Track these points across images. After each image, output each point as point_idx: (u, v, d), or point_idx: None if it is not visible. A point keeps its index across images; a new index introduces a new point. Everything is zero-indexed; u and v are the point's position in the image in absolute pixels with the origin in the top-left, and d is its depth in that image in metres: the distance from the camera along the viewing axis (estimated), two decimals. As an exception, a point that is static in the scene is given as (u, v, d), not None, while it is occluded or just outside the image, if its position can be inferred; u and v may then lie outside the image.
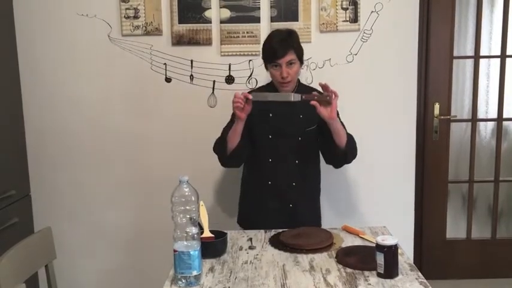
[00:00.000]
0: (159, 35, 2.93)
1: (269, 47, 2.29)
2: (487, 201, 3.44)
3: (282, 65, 2.25)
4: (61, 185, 3.08)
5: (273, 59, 2.26)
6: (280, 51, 2.23)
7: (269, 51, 2.28)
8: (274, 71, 2.29)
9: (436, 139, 3.25)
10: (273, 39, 2.29)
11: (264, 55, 2.33)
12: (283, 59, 2.24)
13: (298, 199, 2.40)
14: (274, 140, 2.37)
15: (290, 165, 2.39)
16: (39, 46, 2.96)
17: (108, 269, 3.16)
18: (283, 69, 2.25)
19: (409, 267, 1.77)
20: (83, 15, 2.93)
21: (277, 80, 2.30)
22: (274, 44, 2.26)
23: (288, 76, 2.26)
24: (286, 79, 2.26)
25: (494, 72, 3.28)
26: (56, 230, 2.18)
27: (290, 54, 2.25)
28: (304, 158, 2.41)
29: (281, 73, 2.26)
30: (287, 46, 2.25)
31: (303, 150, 2.40)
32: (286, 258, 1.88)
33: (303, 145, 2.38)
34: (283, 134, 2.37)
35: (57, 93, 3.01)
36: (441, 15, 3.12)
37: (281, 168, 2.38)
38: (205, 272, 1.76)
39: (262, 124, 2.37)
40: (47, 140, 3.04)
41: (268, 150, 2.39)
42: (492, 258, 3.40)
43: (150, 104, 3.01)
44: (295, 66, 2.29)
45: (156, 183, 3.04)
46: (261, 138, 2.39)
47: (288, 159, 2.38)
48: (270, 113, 2.37)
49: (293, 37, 2.31)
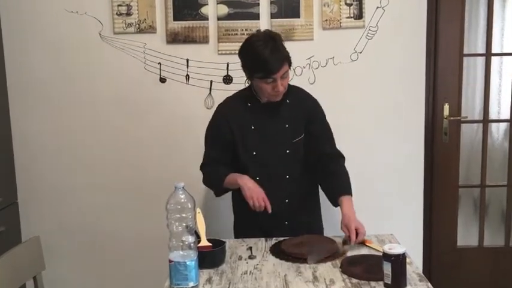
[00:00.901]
0: (153, 32, 2.94)
1: (259, 60, 2.09)
2: (500, 207, 3.44)
3: (277, 79, 2.10)
4: (50, 192, 3.08)
5: (266, 74, 2.09)
6: (275, 65, 2.07)
7: (259, 66, 2.10)
8: (265, 85, 2.13)
9: (445, 141, 3.25)
10: (261, 51, 2.08)
11: (251, 68, 2.16)
12: (278, 74, 2.09)
13: (293, 216, 2.30)
14: (259, 156, 2.26)
15: (280, 182, 2.27)
16: (26, 45, 2.96)
17: (100, 281, 3.15)
18: (279, 83, 2.11)
19: (418, 277, 1.77)
20: (72, 12, 2.93)
21: (269, 94, 2.16)
22: (265, 56, 2.07)
23: (283, 89, 2.16)
24: (281, 92, 2.17)
25: (507, 70, 3.28)
26: (44, 239, 2.18)
27: (284, 66, 2.11)
28: (295, 172, 2.29)
29: (275, 87, 2.12)
30: (281, 58, 2.10)
31: (293, 164, 2.28)
32: (288, 268, 1.88)
33: (291, 158, 2.27)
34: (268, 149, 2.25)
35: (46, 96, 3.01)
36: (450, 11, 3.12)
37: (270, 186, 2.22)
38: (203, 283, 1.76)
39: (244, 140, 2.26)
40: (35, 144, 3.04)
41: (254, 168, 2.26)
42: (505, 267, 3.39)
43: (144, 105, 3.02)
44: (288, 76, 2.17)
45: (150, 189, 3.04)
46: (244, 156, 2.27)
47: (276, 176, 2.27)
48: (251, 126, 2.26)
49: (279, 43, 2.14)
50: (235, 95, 2.39)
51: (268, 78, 2.10)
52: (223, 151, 2.31)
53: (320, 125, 2.33)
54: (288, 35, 2.92)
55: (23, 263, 1.93)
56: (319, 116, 2.34)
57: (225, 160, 2.30)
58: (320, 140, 2.29)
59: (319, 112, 2.35)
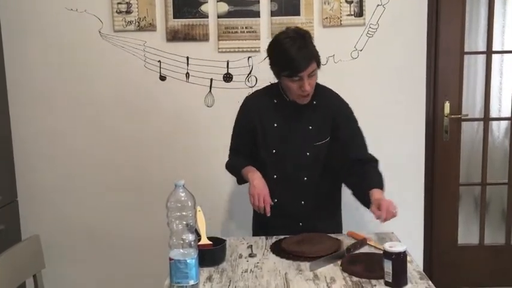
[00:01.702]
0: (153, 30, 2.94)
1: (286, 58, 2.03)
2: (501, 205, 3.44)
3: (303, 78, 2.03)
4: (50, 190, 3.08)
5: (293, 72, 2.03)
6: (302, 63, 2.01)
7: (286, 64, 2.04)
8: (292, 84, 2.07)
9: (446, 139, 3.25)
10: (288, 48, 2.02)
11: (278, 65, 2.10)
12: (305, 72, 2.03)
13: (308, 218, 2.23)
14: (279, 155, 2.21)
15: (297, 183, 2.22)
16: (26, 43, 2.96)
17: (100, 279, 3.15)
18: (306, 82, 2.04)
19: (419, 276, 1.77)
20: (72, 10, 2.93)
21: (296, 93, 2.10)
22: (292, 54, 2.01)
23: (310, 89, 2.08)
24: (308, 92, 2.08)
25: (508, 68, 3.28)
26: (44, 237, 2.18)
27: (312, 65, 2.04)
28: (314, 175, 2.22)
29: (302, 86, 2.05)
30: (308, 56, 2.03)
31: (312, 167, 2.21)
32: (288, 267, 1.87)
33: (312, 161, 2.20)
34: (288, 149, 2.20)
35: (45, 94, 3.01)
36: (451, 8, 3.12)
37: (287, 186, 2.21)
38: (203, 282, 1.76)
39: (266, 137, 2.22)
40: (34, 143, 3.04)
41: (272, 166, 2.22)
42: (506, 265, 3.39)
43: (144, 103, 3.01)
44: (315, 75, 2.10)
45: (151, 187, 3.04)
46: (264, 153, 2.23)
47: (294, 176, 2.22)
48: (274, 123, 2.21)
49: (309, 41, 2.07)
50: (264, 89, 2.33)
51: (294, 77, 2.04)
52: (246, 143, 2.29)
53: (348, 130, 2.21)
54: (288, 33, 2.92)
55: (23, 261, 1.93)
56: (347, 121, 2.22)
57: (247, 152, 2.29)
58: (349, 147, 2.18)
59: (347, 116, 2.24)
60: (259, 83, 2.97)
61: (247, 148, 2.29)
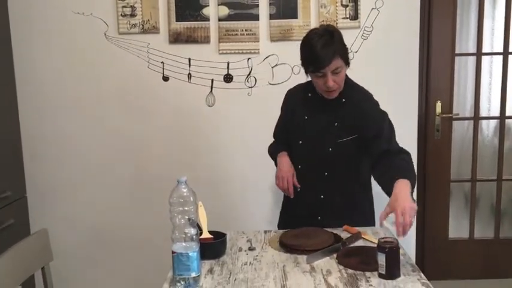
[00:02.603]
0: (156, 33, 2.93)
1: (310, 54, 1.99)
2: (490, 201, 3.44)
3: (327, 73, 1.99)
4: (57, 186, 3.08)
5: (316, 68, 1.99)
6: (324, 59, 1.95)
7: (310, 59, 2.00)
8: (317, 79, 2.04)
9: (438, 138, 3.25)
10: (314, 44, 1.98)
11: (304, 62, 2.05)
12: (328, 68, 1.97)
13: (326, 213, 2.19)
14: (304, 147, 2.19)
15: (318, 177, 2.17)
16: (34, 45, 2.96)
17: (106, 271, 3.16)
18: (329, 78, 1.99)
19: (411, 268, 1.77)
20: (78, 14, 2.93)
21: (321, 88, 2.07)
22: (316, 50, 1.96)
23: (334, 85, 2.02)
24: (332, 88, 2.04)
25: (497, 69, 3.28)
26: (52, 231, 2.17)
27: (336, 61, 1.98)
28: (335, 172, 2.16)
29: (326, 82, 2.01)
30: (332, 52, 1.97)
31: (334, 163, 2.15)
32: (286, 259, 1.87)
33: (333, 158, 2.13)
34: (313, 142, 2.16)
35: (53, 93, 3.01)
36: (442, 12, 3.12)
37: (309, 177, 2.19)
38: (204, 274, 1.76)
39: (296, 127, 2.21)
40: (43, 140, 3.04)
41: (298, 157, 2.21)
42: (495, 258, 3.40)
43: (148, 103, 3.01)
44: (341, 73, 2.03)
45: (154, 184, 3.04)
46: (293, 142, 2.22)
47: (316, 170, 2.17)
48: (305, 116, 2.18)
49: (336, 38, 2.01)
50: (303, 83, 2.27)
51: (318, 73, 2.00)
52: (283, 131, 2.31)
53: (376, 129, 2.10)
54: (286, 36, 2.92)
55: (31, 254, 1.92)
56: (374, 121, 2.12)
57: (284, 140, 2.29)
58: (377, 142, 2.08)
59: (375, 117, 2.14)
60: (258, 84, 2.97)
61: (285, 136, 2.29)
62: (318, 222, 2.19)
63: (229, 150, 3.06)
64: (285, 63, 2.96)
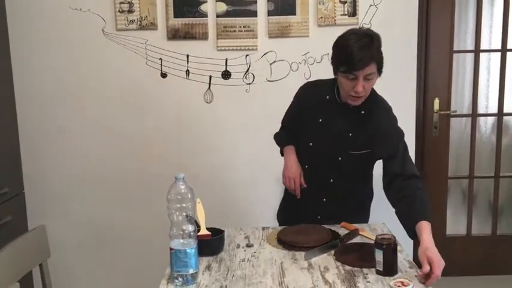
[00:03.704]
0: (154, 29, 2.93)
1: (346, 53, 1.88)
2: (488, 197, 3.45)
3: (358, 77, 1.90)
4: (55, 182, 3.08)
5: (349, 69, 1.89)
6: (360, 62, 1.86)
7: (345, 59, 1.89)
8: (346, 81, 1.93)
9: (435, 134, 3.25)
10: (351, 44, 1.88)
11: (337, 60, 1.95)
12: (361, 72, 1.88)
13: (327, 215, 2.18)
14: (313, 150, 2.14)
15: (323, 182, 2.15)
16: (32, 41, 2.95)
17: (104, 268, 3.16)
18: (360, 82, 1.90)
19: (409, 265, 1.77)
20: (76, 10, 2.92)
21: (347, 92, 1.96)
22: (353, 51, 1.86)
23: (362, 91, 1.93)
24: (360, 94, 1.94)
25: (495, 66, 3.28)
26: (50, 228, 2.17)
27: (371, 66, 1.88)
28: (341, 179, 2.13)
29: (355, 86, 1.91)
30: (369, 56, 1.87)
31: (341, 172, 2.11)
32: (284, 256, 1.88)
33: (342, 166, 2.10)
34: (323, 147, 2.11)
35: (51, 90, 3.00)
36: (441, 9, 3.12)
37: (314, 180, 2.17)
38: (202, 270, 1.76)
39: (308, 127, 2.15)
40: (40, 137, 3.03)
41: (306, 157, 2.19)
42: (493, 255, 3.41)
43: (146, 99, 3.01)
44: (373, 80, 1.94)
45: (152, 181, 3.04)
46: (302, 142, 2.18)
47: (322, 175, 2.15)
48: (320, 118, 2.11)
49: (375, 44, 1.91)
50: (322, 82, 2.18)
51: (350, 74, 1.90)
52: (293, 123, 2.27)
53: (390, 147, 2.03)
54: (284, 32, 2.92)
55: (29, 251, 1.93)
56: (390, 141, 2.04)
57: (293, 130, 2.26)
58: (390, 162, 2.02)
59: (392, 137, 2.05)
60: (256, 80, 2.97)
61: (294, 128, 2.26)
62: (317, 221, 2.19)
63: (227, 147, 3.06)
64: (283, 60, 2.96)
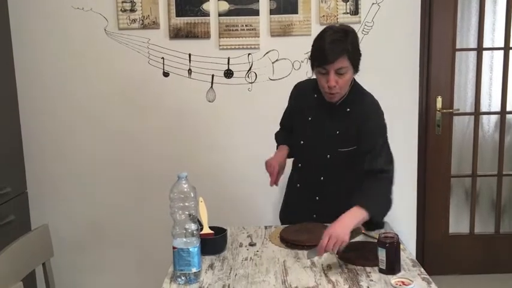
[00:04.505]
0: (157, 28, 2.93)
1: (318, 47, 1.92)
2: (491, 196, 3.44)
3: (329, 71, 1.91)
4: (58, 182, 3.08)
5: (320, 63, 1.91)
6: (330, 55, 1.87)
7: (317, 52, 1.93)
8: (320, 77, 1.96)
9: (438, 133, 3.25)
10: (324, 39, 1.90)
11: (312, 54, 1.98)
12: (331, 66, 1.89)
13: (321, 213, 2.16)
14: (304, 148, 2.16)
15: (315, 179, 2.15)
16: (34, 40, 2.95)
17: (107, 267, 3.16)
18: (331, 77, 1.91)
19: (412, 263, 1.77)
20: (78, 9, 2.92)
21: (323, 88, 1.98)
22: (324, 44, 1.88)
23: (335, 86, 1.93)
24: (332, 90, 1.95)
25: (498, 64, 3.27)
26: (53, 227, 2.18)
27: (341, 60, 1.88)
28: (331, 177, 2.13)
29: (328, 81, 1.93)
30: (339, 50, 1.87)
31: (331, 170, 2.11)
32: (286, 255, 1.88)
33: (331, 164, 2.10)
34: (313, 145, 2.13)
35: (53, 89, 3.00)
36: (443, 7, 3.11)
37: (308, 177, 2.19)
38: (205, 269, 1.76)
39: (299, 125, 2.18)
40: (43, 136, 3.04)
41: (299, 155, 2.21)
42: (496, 253, 3.40)
43: (148, 99, 3.01)
44: (346, 75, 1.94)
45: (154, 179, 3.04)
46: (295, 140, 2.20)
47: (313, 173, 2.16)
48: (309, 116, 2.12)
49: (349, 38, 1.92)
50: (312, 80, 2.16)
51: (321, 68, 1.92)
52: (287, 122, 2.31)
53: (368, 144, 2.02)
54: (286, 31, 2.92)
55: (32, 250, 1.93)
56: (369, 135, 2.03)
57: (290, 129, 2.28)
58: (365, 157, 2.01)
59: (371, 131, 2.04)
60: (258, 79, 2.97)
61: (289, 127, 2.29)
62: (312, 219, 2.19)
63: (230, 146, 3.06)
64: (286, 59, 2.96)
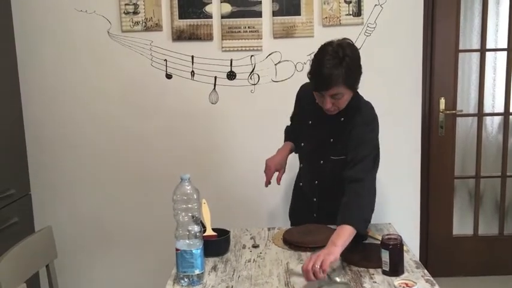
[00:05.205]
0: (159, 30, 2.93)
1: (314, 70, 1.94)
2: (494, 197, 3.44)
3: (325, 96, 1.94)
4: (61, 184, 3.09)
5: (315, 87, 1.96)
6: (324, 84, 1.90)
7: (314, 77, 1.95)
8: (318, 96, 1.99)
9: (441, 134, 3.24)
10: (321, 64, 1.90)
11: (310, 75, 1.99)
12: (326, 92, 1.92)
13: (320, 213, 2.24)
14: (304, 150, 2.24)
15: (311, 182, 2.22)
16: (37, 43, 2.96)
17: (110, 268, 3.16)
18: (327, 100, 1.94)
19: (415, 265, 1.77)
20: (81, 11, 2.93)
21: (320, 104, 2.01)
22: (320, 70, 1.89)
23: (331, 108, 1.97)
24: (329, 111, 2.00)
25: (501, 65, 3.27)
26: (56, 229, 2.19)
27: (336, 88, 1.90)
28: (325, 182, 2.18)
29: (322, 103, 1.97)
30: (334, 79, 1.87)
31: (324, 175, 2.16)
32: (289, 257, 1.88)
33: (324, 170, 2.15)
34: (310, 149, 2.20)
35: (57, 91, 3.01)
36: (446, 8, 3.11)
37: (307, 178, 2.26)
38: (208, 271, 1.77)
39: (301, 128, 2.24)
40: (47, 138, 3.05)
41: (300, 156, 2.29)
42: (500, 255, 3.39)
43: (151, 101, 3.02)
44: (343, 98, 1.95)
45: (157, 181, 3.04)
46: (297, 140, 2.27)
47: (308, 176, 2.25)
48: (310, 120, 2.17)
49: (345, 64, 1.88)
50: None
51: (317, 92, 1.96)
52: (294, 120, 2.37)
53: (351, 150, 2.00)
54: (289, 32, 2.92)
55: (36, 252, 1.94)
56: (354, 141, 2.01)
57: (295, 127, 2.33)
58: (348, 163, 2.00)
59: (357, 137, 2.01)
60: (261, 81, 2.97)
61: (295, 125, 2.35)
62: (313, 219, 2.23)
63: (233, 148, 3.06)
64: (288, 60, 2.96)
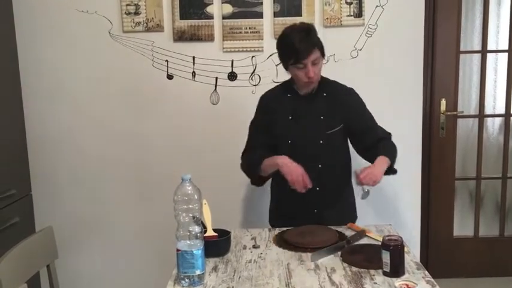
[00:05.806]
0: (161, 31, 2.94)
1: (290, 47, 2.13)
2: (495, 198, 3.43)
3: (307, 65, 2.12)
4: (62, 184, 3.09)
5: (297, 60, 2.12)
6: (304, 52, 2.10)
7: (291, 52, 2.13)
8: (298, 71, 2.16)
9: (442, 135, 3.24)
10: (293, 39, 2.12)
11: (284, 56, 2.19)
12: (308, 59, 2.11)
13: (323, 204, 2.27)
14: (294, 146, 2.25)
15: (313, 171, 2.19)
16: (39, 43, 2.97)
17: (111, 269, 3.17)
18: (309, 69, 2.12)
19: (416, 266, 1.77)
20: (83, 12, 2.93)
21: (302, 80, 2.18)
22: (296, 44, 2.11)
23: (314, 76, 2.15)
24: (313, 79, 2.16)
25: (502, 66, 3.27)
26: (57, 229, 2.19)
27: (314, 52, 2.12)
28: (328, 163, 2.26)
29: (307, 73, 2.14)
30: (310, 45, 2.12)
31: (326, 154, 2.25)
32: (290, 257, 1.88)
33: (325, 149, 2.24)
34: (303, 139, 2.25)
35: (58, 91, 3.01)
36: (447, 9, 3.11)
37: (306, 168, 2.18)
38: (209, 271, 1.77)
39: (281, 128, 2.27)
40: (48, 139, 3.05)
41: (289, 155, 2.22)
42: (500, 257, 3.39)
43: (152, 101, 3.02)
44: (319, 64, 2.17)
45: (158, 182, 3.04)
46: (281, 143, 2.27)
47: (310, 165, 2.19)
48: (289, 116, 2.27)
49: (313, 33, 2.17)
50: (277, 86, 2.40)
51: (299, 64, 2.13)
52: (263, 140, 2.31)
53: (360, 120, 2.31)
54: (290, 33, 2.92)
55: (36, 252, 1.93)
56: (356, 112, 2.31)
57: (264, 149, 2.28)
58: (365, 135, 2.29)
59: (357, 107, 2.33)
60: (262, 81, 2.97)
61: (265, 145, 2.28)
62: (314, 215, 2.24)
63: (234, 148, 3.04)
64: (289, 61, 2.96)
